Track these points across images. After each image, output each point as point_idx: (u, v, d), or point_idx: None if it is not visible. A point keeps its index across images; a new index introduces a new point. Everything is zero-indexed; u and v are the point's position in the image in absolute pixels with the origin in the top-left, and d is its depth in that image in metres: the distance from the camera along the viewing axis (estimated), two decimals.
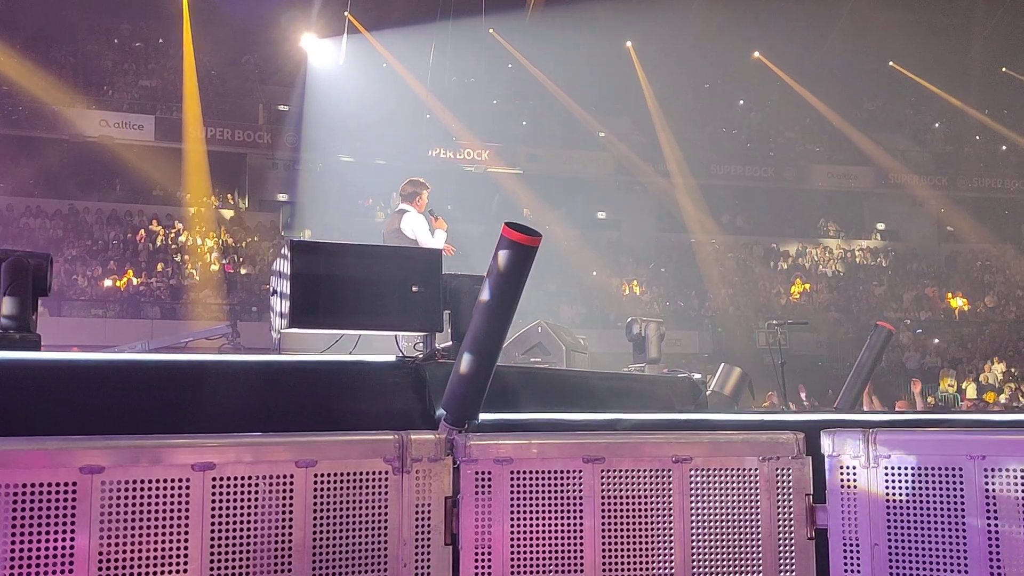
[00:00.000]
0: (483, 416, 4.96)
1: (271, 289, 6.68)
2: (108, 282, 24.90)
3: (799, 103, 37.94)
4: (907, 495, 4.45)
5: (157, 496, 3.72)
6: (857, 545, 4.53)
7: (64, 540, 3.56)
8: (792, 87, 37.19)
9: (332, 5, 31.35)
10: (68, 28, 31.47)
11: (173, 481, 3.76)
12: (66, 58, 30.74)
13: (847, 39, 37.24)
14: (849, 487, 4.58)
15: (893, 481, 4.48)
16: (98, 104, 29.14)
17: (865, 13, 36.53)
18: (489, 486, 4.25)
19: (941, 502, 4.38)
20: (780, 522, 4.59)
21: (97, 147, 27.97)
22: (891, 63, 38.41)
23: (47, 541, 3.54)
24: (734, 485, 4.54)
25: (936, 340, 30.14)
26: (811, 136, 37.93)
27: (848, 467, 4.59)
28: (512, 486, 4.27)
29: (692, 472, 4.49)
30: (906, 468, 4.47)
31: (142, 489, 3.70)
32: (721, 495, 4.52)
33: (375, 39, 32.03)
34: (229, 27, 32.09)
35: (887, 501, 4.49)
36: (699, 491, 4.49)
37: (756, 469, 4.57)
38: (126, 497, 3.67)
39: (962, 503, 4.33)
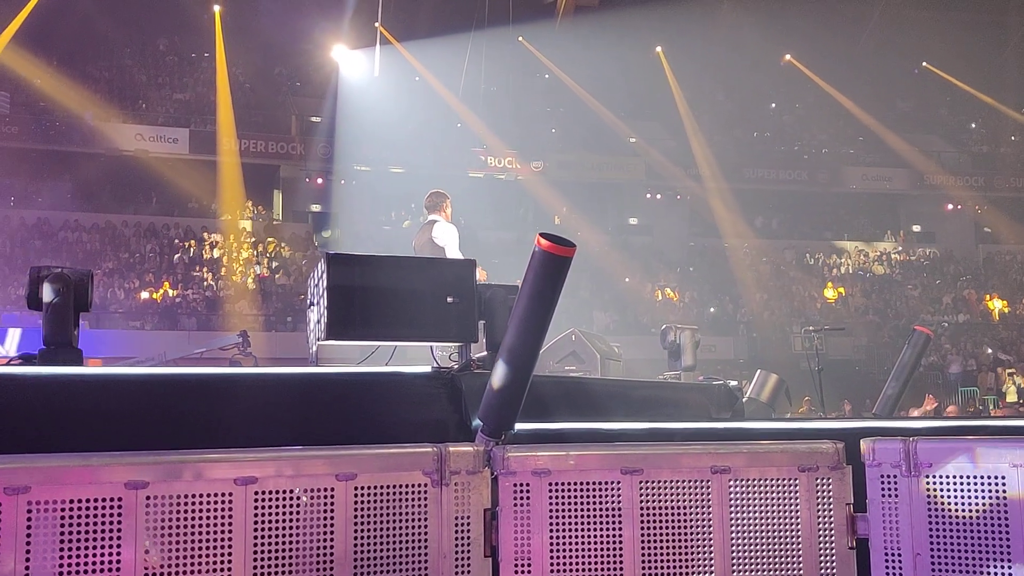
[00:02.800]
0: (519, 426, 4.97)
1: (307, 301, 6.73)
2: (145, 294, 25.18)
3: (831, 105, 37.68)
4: (949, 504, 4.40)
5: (200, 510, 3.76)
6: (899, 555, 4.49)
7: (110, 555, 3.61)
8: (824, 89, 36.94)
9: (362, 16, 31.55)
10: (103, 44, 31.93)
11: (216, 496, 3.79)
12: (101, 73, 31.17)
13: (879, 40, 36.98)
14: (890, 496, 4.54)
15: (935, 489, 4.44)
16: (133, 118, 29.49)
17: (897, 13, 36.24)
18: (528, 498, 4.26)
19: (984, 511, 4.33)
20: (820, 532, 4.55)
21: (133, 161, 28.33)
22: (924, 63, 38.07)
23: (94, 556, 3.59)
24: (774, 495, 4.51)
25: (974, 343, 29.76)
26: (844, 138, 37.64)
27: (889, 476, 4.55)
28: (551, 498, 4.27)
29: (731, 482, 4.47)
30: (948, 476, 4.42)
31: (185, 504, 3.75)
32: (761, 505, 4.49)
33: (405, 49, 32.21)
34: (261, 40, 32.44)
35: (929, 510, 4.44)
36: (738, 501, 4.47)
37: (796, 479, 4.54)
38: (170, 512, 3.71)
39: (1005, 511, 4.28)
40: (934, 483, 4.45)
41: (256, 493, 3.85)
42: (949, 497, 4.41)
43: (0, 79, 28.44)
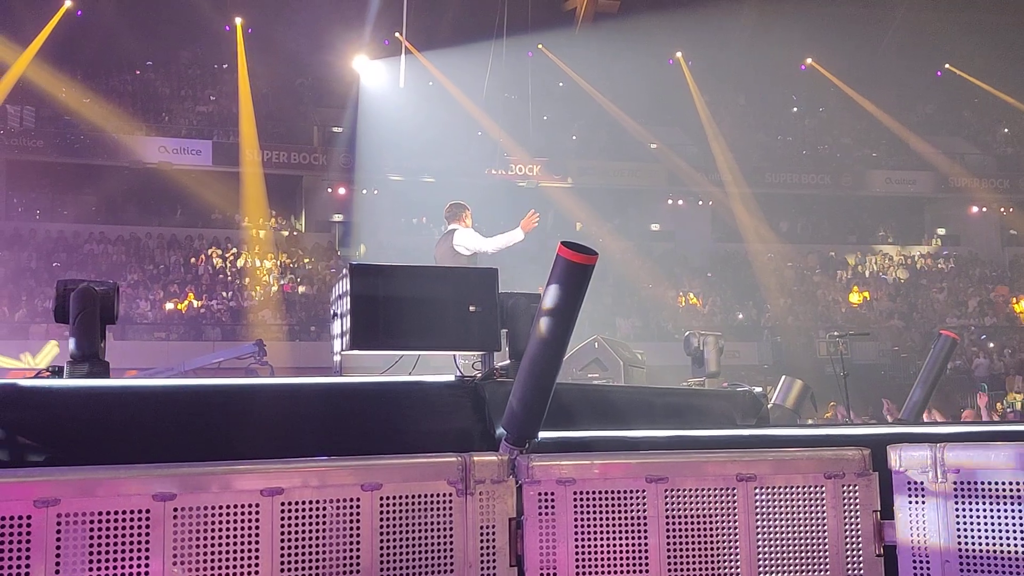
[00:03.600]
0: (543, 434, 4.97)
1: (331, 312, 6.76)
2: (170, 305, 25.34)
3: (854, 108, 37.50)
4: (977, 510, 4.37)
5: (228, 521, 3.79)
6: (927, 561, 4.46)
7: (139, 566, 3.64)
8: (846, 92, 36.77)
9: (383, 27, 31.69)
10: (126, 57, 32.22)
11: (242, 506, 3.82)
12: (125, 86, 31.45)
13: (901, 42, 36.79)
14: (917, 503, 4.51)
15: (962, 496, 4.41)
16: (157, 131, 29.72)
17: (918, 15, 36.03)
18: (552, 507, 4.26)
19: (1012, 517, 4.29)
20: (848, 539, 4.53)
21: (157, 173, 28.53)
22: (947, 65, 37.83)
23: (122, 568, 3.62)
24: (800, 503, 4.49)
25: (996, 345, 29.49)
26: (868, 141, 37.43)
27: (916, 482, 4.52)
28: (575, 507, 4.27)
29: (757, 490, 4.45)
30: (975, 483, 4.39)
31: (213, 515, 3.77)
32: (787, 513, 4.47)
33: (425, 59, 32.33)
34: (282, 51, 32.63)
35: (957, 516, 4.41)
36: (765, 509, 4.45)
37: (822, 486, 4.52)
38: (198, 523, 3.74)
39: None
40: (962, 489, 4.41)
41: (283, 504, 3.88)
42: (977, 503, 4.37)
43: (25, 94, 28.74)
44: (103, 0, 30.16)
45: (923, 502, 4.49)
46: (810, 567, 4.47)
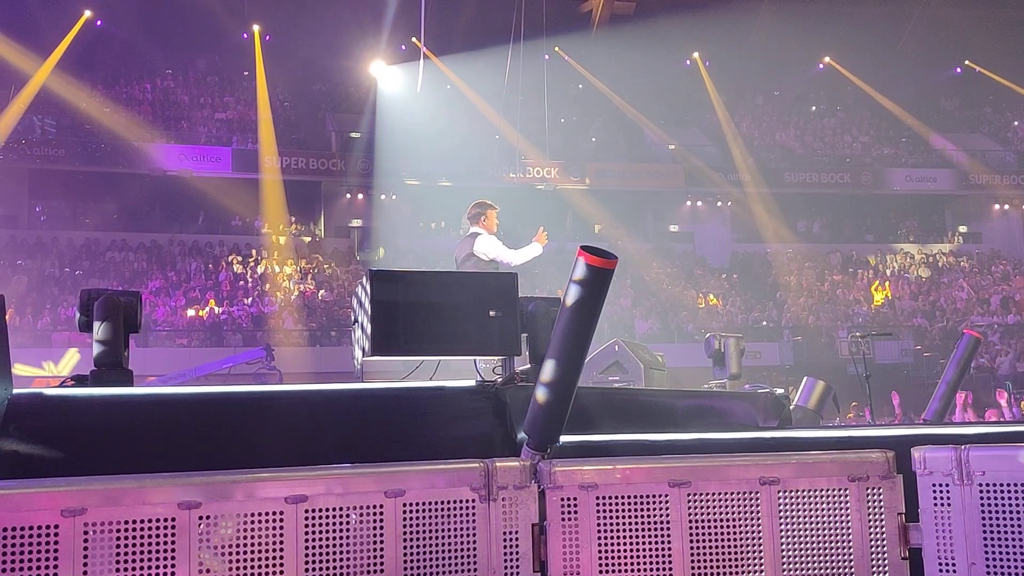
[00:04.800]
0: (564, 439, 4.97)
1: (352, 318, 6.79)
2: (191, 312, 25.49)
3: (873, 106, 37.35)
4: (1004, 512, 4.33)
5: (252, 529, 3.81)
6: (953, 565, 4.43)
7: (165, 575, 3.67)
8: (865, 90, 36.63)
9: (400, 32, 31.81)
10: (145, 66, 32.50)
11: (267, 514, 3.84)
12: (144, 95, 31.69)
13: (919, 39, 36.59)
14: (943, 505, 4.48)
15: (989, 498, 4.38)
16: (177, 139, 29.92)
17: (937, 12, 35.85)
18: (575, 512, 4.26)
19: None
20: (872, 542, 4.50)
21: (177, 181, 28.72)
22: (967, 61, 37.61)
23: None
24: (824, 506, 4.48)
25: (1017, 342, 29.23)
26: (887, 140, 37.25)
27: (941, 485, 4.50)
28: (598, 512, 4.27)
29: (780, 494, 4.44)
30: (1002, 485, 4.36)
31: (238, 523, 3.79)
32: (811, 516, 4.46)
33: (442, 63, 32.42)
34: (300, 57, 32.83)
35: (983, 519, 4.38)
36: (788, 513, 4.44)
37: (846, 489, 4.50)
38: (223, 531, 3.76)
39: None
40: (987, 491, 4.38)
41: (307, 511, 3.90)
42: (1003, 505, 4.34)
43: (46, 103, 29.01)
44: (122, 10, 30.39)
45: (948, 505, 4.46)
46: (835, 571, 4.45)
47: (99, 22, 30.81)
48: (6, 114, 27.49)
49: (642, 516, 4.30)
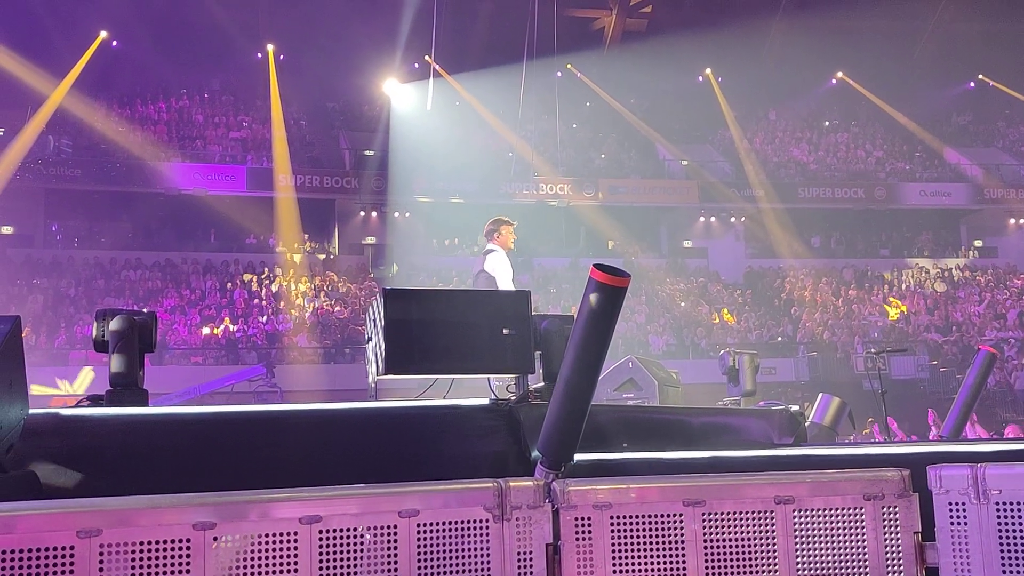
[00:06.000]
0: (578, 457, 4.97)
1: (366, 336, 6.80)
2: (206, 330, 25.57)
3: (886, 121, 37.31)
4: (1022, 531, 4.30)
5: (267, 550, 3.81)
6: None
7: None
8: (878, 105, 36.61)
9: (413, 51, 31.99)
10: (160, 85, 32.74)
11: (282, 535, 3.84)
12: (159, 115, 31.91)
13: (932, 54, 36.60)
14: (959, 524, 4.45)
15: (1006, 517, 4.34)
16: (191, 158, 30.10)
17: (949, 27, 35.87)
18: (589, 532, 4.24)
19: None
20: (888, 562, 4.47)
21: (192, 199, 28.86)
22: (980, 75, 37.54)
23: None
24: (839, 525, 4.45)
25: None
26: (901, 154, 37.16)
27: (957, 503, 4.47)
28: (613, 532, 4.25)
29: (795, 513, 4.41)
30: (1019, 503, 4.32)
31: (253, 543, 3.80)
32: (826, 536, 4.43)
33: (456, 81, 32.56)
34: (313, 77, 33.03)
35: (1000, 538, 4.34)
36: (803, 532, 4.41)
37: (861, 508, 4.47)
38: (237, 552, 3.76)
39: None
40: (1005, 510, 4.35)
41: (321, 532, 3.89)
42: (1021, 524, 4.31)
43: (62, 123, 29.26)
44: (138, 31, 30.67)
45: (965, 523, 4.43)
46: None
47: (115, 43, 31.10)
48: (23, 134, 27.72)
49: (656, 536, 4.28)
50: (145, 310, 6.39)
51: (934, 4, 35.83)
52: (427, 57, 31.51)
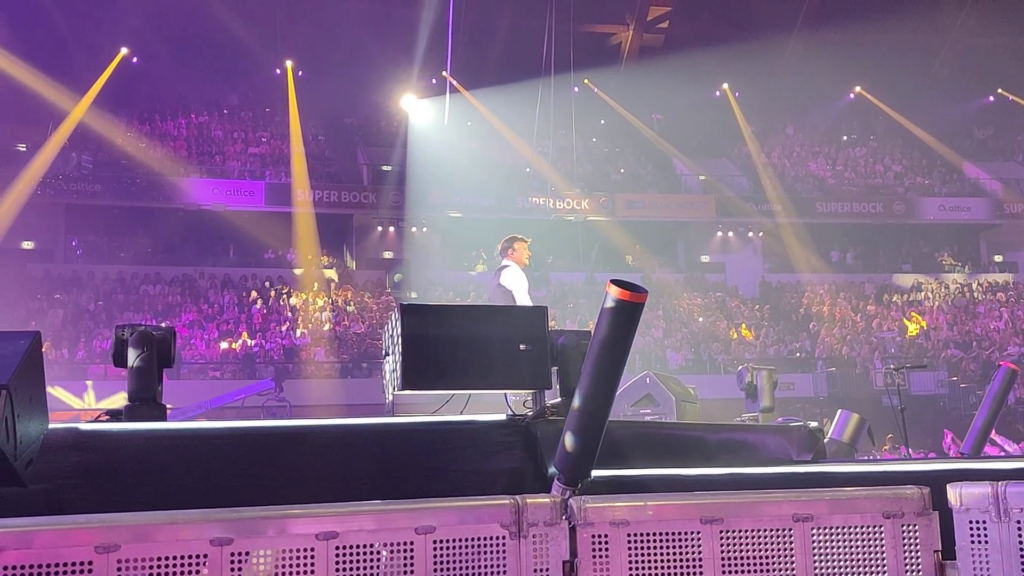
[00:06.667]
0: (595, 473, 4.95)
1: (383, 351, 6.81)
2: (224, 344, 25.66)
3: (905, 136, 37.18)
4: None
5: (284, 566, 3.81)
6: None
7: None
8: (897, 120, 36.49)
9: (430, 67, 32.13)
10: (180, 102, 32.98)
11: (298, 551, 3.84)
12: (179, 130, 32.13)
13: (951, 68, 36.50)
14: (980, 542, 4.41)
15: None
16: (210, 173, 30.27)
17: (969, 41, 35.76)
18: (606, 549, 4.23)
19: None
20: None
21: (211, 215, 29.01)
22: (999, 90, 37.38)
23: None
24: (859, 543, 4.41)
25: None
26: (920, 169, 36.99)
27: (978, 521, 4.43)
28: (630, 549, 4.24)
29: (814, 531, 4.38)
30: None
31: (269, 559, 3.80)
32: (845, 554, 4.40)
33: (473, 97, 32.67)
34: (331, 92, 33.20)
35: (1022, 556, 4.30)
36: (822, 550, 4.38)
37: (881, 526, 4.44)
38: (255, 568, 3.76)
39: None
40: None
41: (337, 548, 3.89)
42: None
43: (83, 139, 29.49)
44: (158, 47, 30.92)
45: (986, 542, 4.39)
46: None
47: (135, 59, 31.36)
48: (44, 150, 27.96)
49: (674, 553, 4.26)
50: (164, 325, 6.42)
51: (953, 18, 35.73)
52: (444, 73, 31.63)
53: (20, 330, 5.14)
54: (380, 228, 32.43)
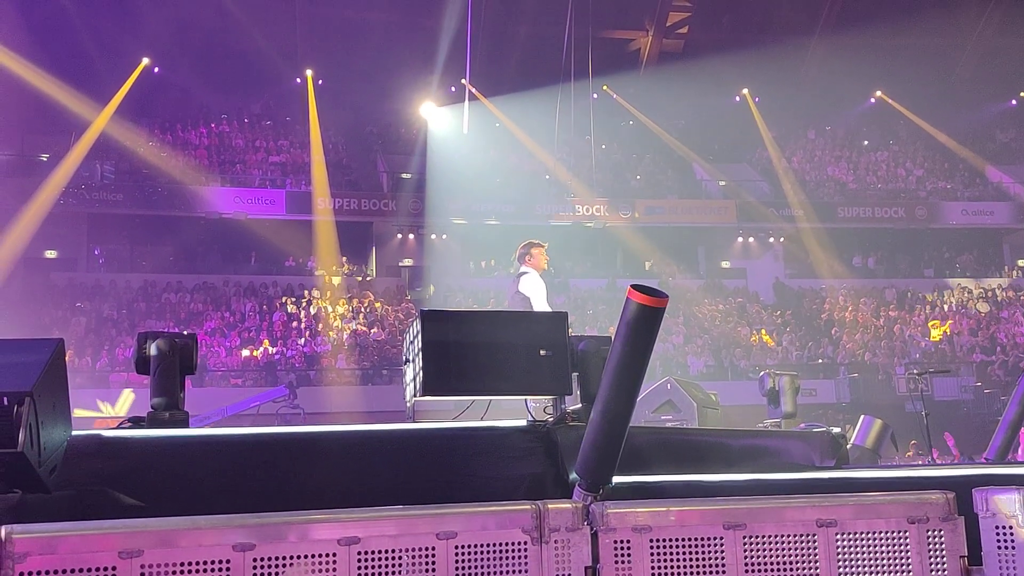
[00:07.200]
0: (617, 479, 4.93)
1: (403, 357, 6.82)
2: (245, 352, 25.78)
3: (926, 140, 36.97)
4: None
5: (307, 571, 3.82)
6: None
7: None
8: (918, 124, 36.27)
9: (449, 74, 32.21)
10: (201, 111, 33.20)
11: (321, 556, 3.85)
12: (200, 139, 32.33)
13: (973, 71, 36.26)
14: (1007, 548, 4.36)
15: None
16: (231, 182, 30.45)
17: (991, 43, 35.51)
18: (629, 555, 4.21)
19: None
20: None
21: (232, 223, 29.17)
22: (1022, 93, 37.11)
23: None
24: (883, 549, 4.38)
25: None
26: (942, 173, 36.75)
27: (1004, 527, 4.38)
28: (652, 555, 4.22)
29: (838, 536, 4.35)
30: None
31: (292, 565, 3.80)
32: (870, 560, 4.36)
33: (492, 104, 32.73)
34: (351, 101, 33.37)
35: None
36: (846, 556, 4.34)
37: (905, 531, 4.40)
38: (277, 573, 3.77)
39: None
40: None
41: (359, 553, 3.90)
42: None
43: (105, 149, 29.72)
44: (179, 57, 31.15)
45: (1013, 548, 4.34)
46: None
47: (156, 69, 31.60)
48: (67, 160, 28.19)
49: (697, 559, 4.24)
50: (186, 332, 6.45)
51: (974, 20, 35.50)
52: (463, 80, 31.71)
53: (43, 338, 5.17)
54: (400, 235, 32.52)
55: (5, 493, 4.50)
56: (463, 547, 4.06)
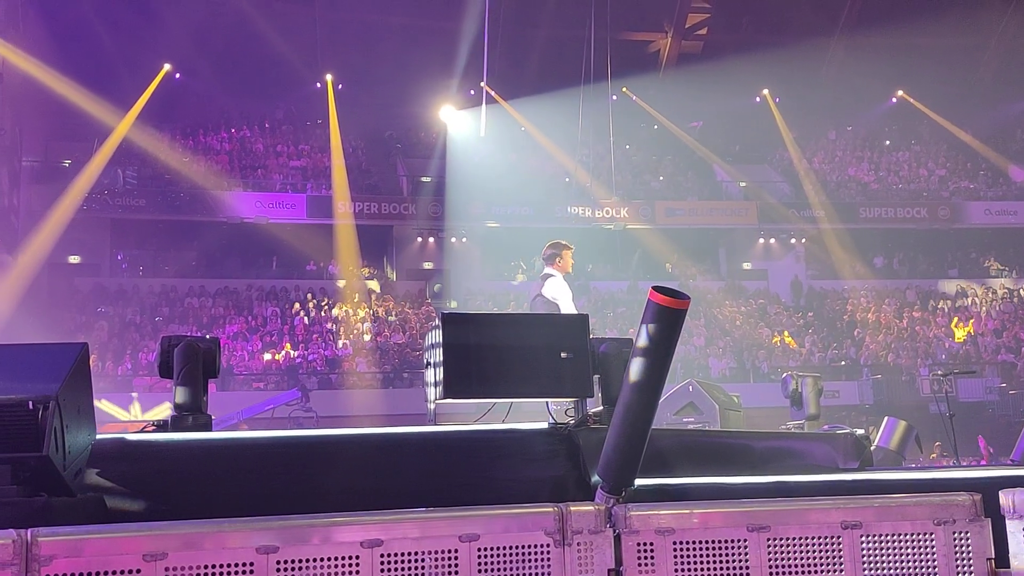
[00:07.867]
0: (639, 482, 4.91)
1: (424, 361, 6.83)
2: (267, 355, 25.88)
3: (949, 140, 36.71)
4: None
5: (328, 574, 3.82)
6: None
7: None
8: (940, 124, 36.02)
9: (468, 78, 32.25)
10: (222, 116, 33.39)
11: (344, 559, 3.86)
12: (222, 144, 32.50)
13: (995, 70, 35.99)
14: None
15: None
16: (253, 186, 30.59)
17: (1013, 42, 35.22)
18: (652, 558, 4.19)
19: None
20: None
21: (253, 227, 29.30)
22: None
23: None
24: (909, 551, 4.34)
25: None
26: (964, 173, 36.47)
27: None
28: (675, 557, 4.20)
29: (863, 538, 4.31)
30: None
31: (315, 567, 3.81)
32: (895, 562, 4.32)
33: (511, 107, 32.74)
34: (371, 105, 33.46)
35: None
36: (872, 558, 4.31)
37: (931, 533, 4.36)
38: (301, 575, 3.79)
39: None
40: None
41: (382, 556, 3.90)
42: None
43: (128, 155, 29.92)
44: (200, 63, 31.32)
45: None
46: None
47: (177, 75, 31.79)
48: (90, 166, 28.39)
49: (720, 562, 4.22)
50: (208, 336, 6.48)
51: (996, 19, 35.23)
52: (482, 83, 31.74)
53: (68, 342, 5.21)
54: (420, 239, 32.57)
55: (31, 496, 4.54)
56: (485, 549, 4.05)
